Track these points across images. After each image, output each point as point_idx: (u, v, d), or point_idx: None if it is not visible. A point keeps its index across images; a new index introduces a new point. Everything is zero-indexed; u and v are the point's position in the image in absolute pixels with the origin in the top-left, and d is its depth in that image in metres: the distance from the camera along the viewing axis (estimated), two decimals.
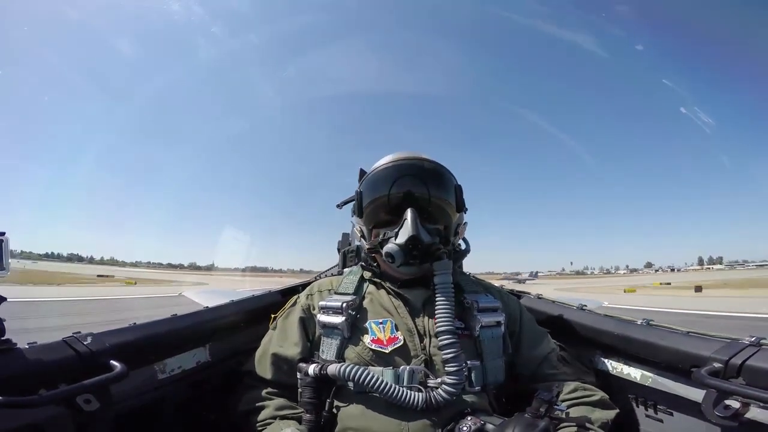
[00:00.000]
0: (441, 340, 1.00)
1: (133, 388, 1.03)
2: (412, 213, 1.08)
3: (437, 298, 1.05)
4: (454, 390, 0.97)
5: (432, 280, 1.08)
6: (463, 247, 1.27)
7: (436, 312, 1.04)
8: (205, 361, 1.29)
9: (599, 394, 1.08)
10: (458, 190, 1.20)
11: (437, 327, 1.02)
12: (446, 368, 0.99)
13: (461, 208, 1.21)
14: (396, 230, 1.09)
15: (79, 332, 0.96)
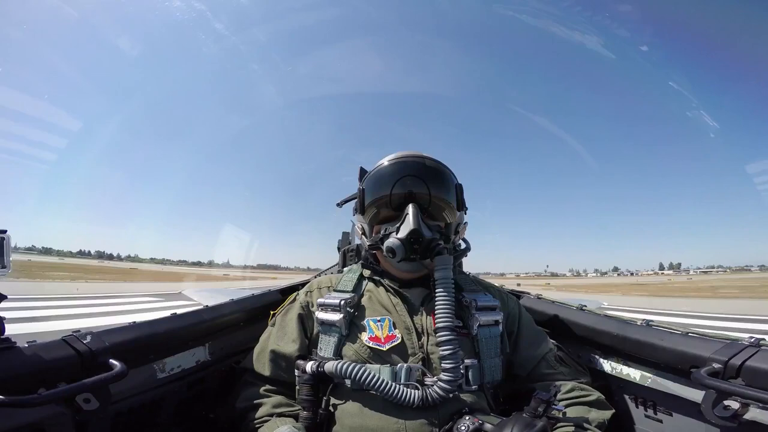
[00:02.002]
0: (439, 337, 1.00)
1: (132, 387, 1.02)
2: (413, 208, 1.08)
3: (437, 292, 1.04)
4: (449, 387, 0.96)
5: (432, 277, 1.08)
6: (463, 246, 1.26)
7: (435, 307, 1.03)
8: (205, 360, 1.29)
9: (596, 395, 1.09)
10: (459, 189, 1.20)
11: (437, 323, 1.02)
12: (443, 365, 0.98)
13: (462, 207, 1.21)
14: (397, 225, 1.09)
15: (79, 331, 0.95)
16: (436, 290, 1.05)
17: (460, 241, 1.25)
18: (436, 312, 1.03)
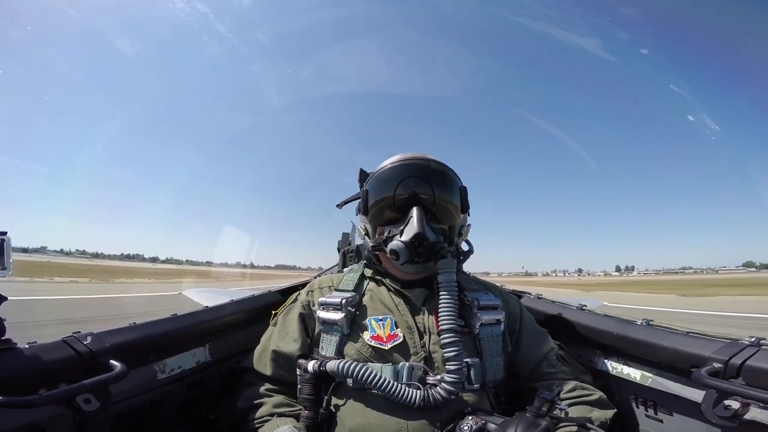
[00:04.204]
0: (443, 339, 1.01)
1: (133, 387, 1.03)
2: (417, 211, 1.08)
3: (441, 296, 1.05)
4: (453, 389, 0.97)
5: (435, 279, 1.08)
6: (466, 248, 1.27)
7: (439, 310, 1.04)
8: (205, 361, 1.29)
9: (597, 394, 1.09)
10: (463, 191, 1.20)
11: (440, 325, 1.02)
12: (447, 366, 0.99)
13: (465, 209, 1.21)
14: (401, 228, 1.10)
15: (79, 332, 0.96)
16: (440, 294, 1.05)
17: (463, 243, 1.26)
18: (439, 315, 1.04)
